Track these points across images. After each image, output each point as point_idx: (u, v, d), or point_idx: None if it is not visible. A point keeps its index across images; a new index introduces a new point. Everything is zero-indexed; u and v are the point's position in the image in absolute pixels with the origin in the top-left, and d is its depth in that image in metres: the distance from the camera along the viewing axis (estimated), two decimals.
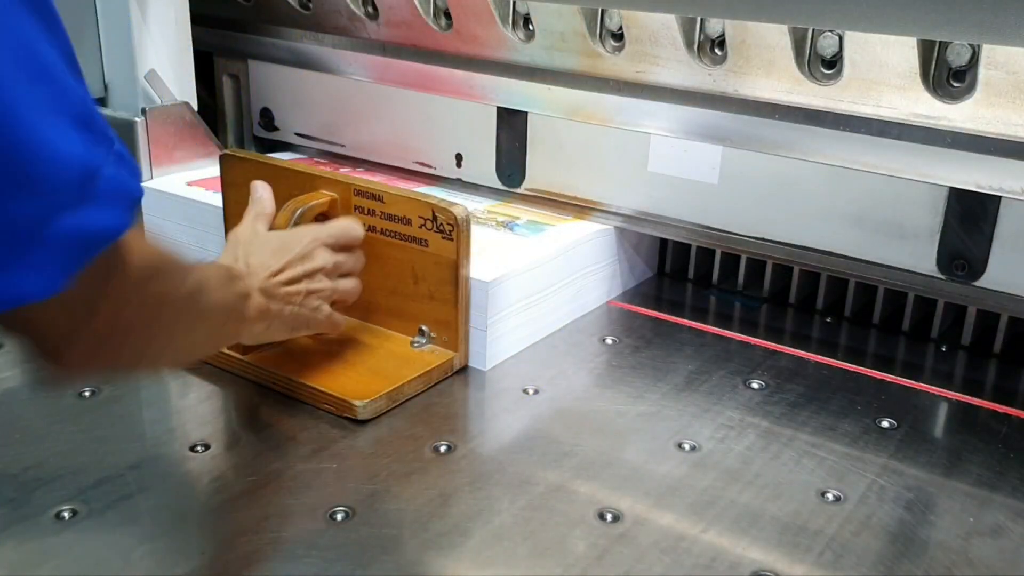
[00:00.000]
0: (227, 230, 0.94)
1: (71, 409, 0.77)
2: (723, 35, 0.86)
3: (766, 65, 0.85)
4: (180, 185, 1.07)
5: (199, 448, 0.72)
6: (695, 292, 1.05)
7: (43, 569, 0.59)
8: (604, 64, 0.95)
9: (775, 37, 0.83)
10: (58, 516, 0.63)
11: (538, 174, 1.04)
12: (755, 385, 0.84)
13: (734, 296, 1.03)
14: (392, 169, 1.16)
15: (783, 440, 0.75)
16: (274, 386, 0.80)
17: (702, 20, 0.88)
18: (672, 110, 0.92)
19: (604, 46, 0.95)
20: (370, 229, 0.85)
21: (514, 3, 0.99)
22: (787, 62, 0.83)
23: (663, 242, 1.08)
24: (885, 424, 0.78)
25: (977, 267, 0.84)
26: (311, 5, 1.15)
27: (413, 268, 0.84)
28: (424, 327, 0.85)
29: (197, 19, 1.13)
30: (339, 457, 0.71)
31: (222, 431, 0.75)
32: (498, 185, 1.07)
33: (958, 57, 0.76)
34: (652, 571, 0.60)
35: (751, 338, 0.93)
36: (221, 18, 1.25)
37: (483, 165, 1.08)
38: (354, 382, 0.79)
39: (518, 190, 1.06)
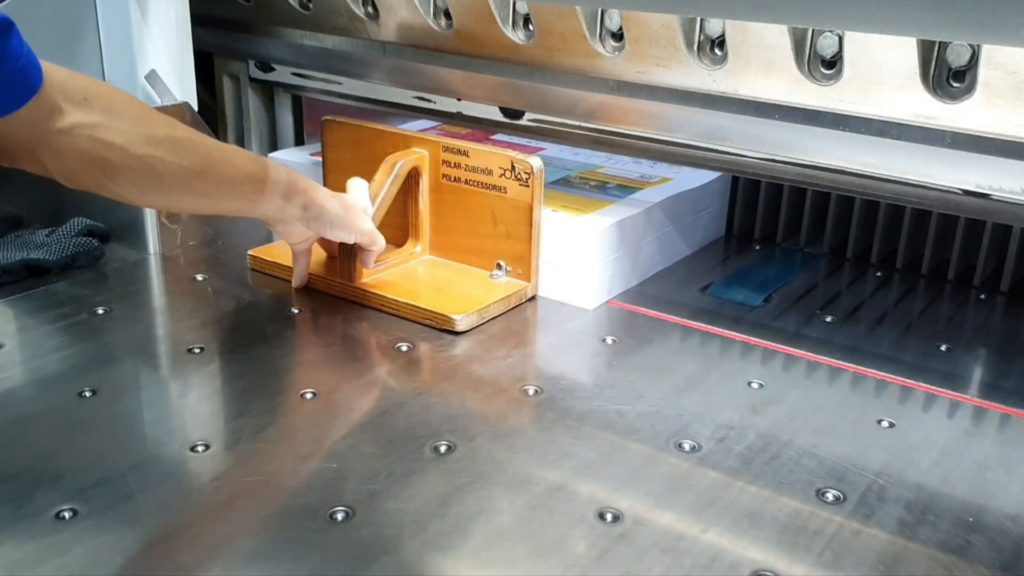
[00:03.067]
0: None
1: (71, 409, 0.77)
2: (723, 35, 0.86)
3: (766, 65, 0.85)
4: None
5: (199, 448, 0.72)
6: (695, 292, 1.05)
7: (43, 569, 0.59)
8: (604, 64, 0.95)
9: (775, 37, 0.83)
10: (58, 516, 0.63)
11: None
12: (755, 385, 0.84)
13: (734, 296, 1.03)
14: (391, 105, 1.16)
15: (783, 440, 0.75)
16: (382, 307, 0.95)
17: (702, 20, 0.88)
18: (672, 110, 0.92)
19: (604, 46, 0.95)
20: (455, 180, 1.01)
21: (514, 3, 0.99)
22: (787, 62, 0.83)
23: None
24: (884, 424, 0.78)
25: None
26: (311, 5, 1.16)
27: (493, 212, 0.99)
28: (501, 262, 1.00)
29: (197, 19, 1.13)
30: (339, 457, 0.71)
31: (222, 431, 0.75)
32: (500, 118, 1.08)
33: (958, 57, 0.76)
34: (652, 571, 0.60)
35: (751, 338, 0.93)
36: (221, 18, 1.25)
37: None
38: (450, 302, 0.94)
39: (520, 122, 1.06)
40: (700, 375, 0.85)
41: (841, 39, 0.80)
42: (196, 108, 1.12)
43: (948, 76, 0.78)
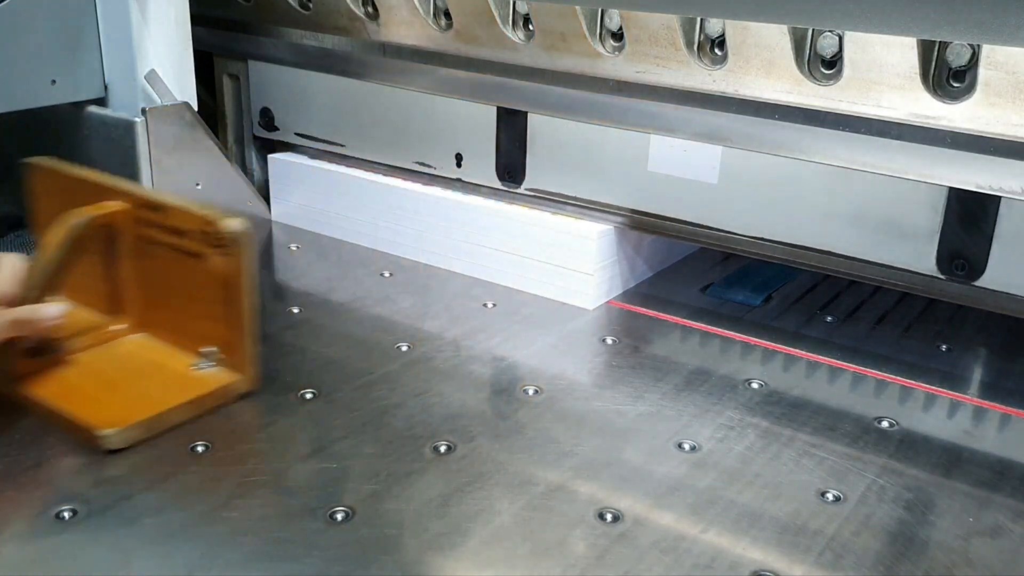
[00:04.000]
0: (34, 238, 0.90)
1: None
2: (723, 35, 0.86)
3: (766, 65, 0.85)
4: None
5: (199, 448, 0.72)
6: (695, 292, 1.05)
7: (43, 569, 0.59)
8: (604, 64, 0.95)
9: (775, 37, 0.83)
10: (58, 516, 0.63)
11: (538, 174, 1.04)
12: (755, 385, 0.84)
13: (734, 296, 1.03)
14: (392, 169, 1.16)
15: (783, 440, 0.75)
16: (34, 412, 0.75)
17: (702, 20, 0.88)
18: (672, 110, 0.92)
19: (604, 46, 0.95)
20: (155, 243, 0.81)
21: (514, 3, 0.99)
22: (787, 62, 0.83)
23: None
24: (885, 424, 0.78)
25: (977, 267, 0.83)
26: (311, 5, 1.15)
27: (192, 284, 0.79)
28: (207, 348, 0.79)
29: (197, 19, 1.13)
30: (339, 457, 0.71)
31: (222, 430, 0.75)
32: (498, 185, 1.07)
33: (958, 57, 0.76)
34: (652, 571, 0.60)
35: (751, 338, 0.93)
36: (221, 18, 1.25)
37: (483, 165, 1.08)
38: (112, 407, 0.74)
39: (518, 190, 1.06)
40: (700, 375, 0.85)
41: (841, 39, 0.80)
42: (196, 108, 1.12)
43: (948, 76, 0.78)
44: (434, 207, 1.09)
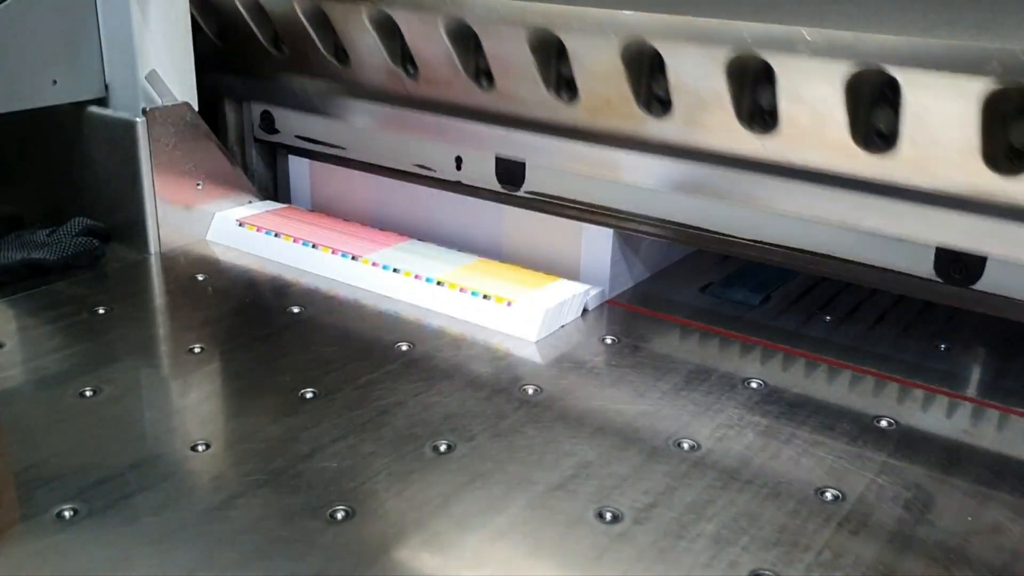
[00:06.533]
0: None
1: (71, 409, 0.77)
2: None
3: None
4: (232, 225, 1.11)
5: (199, 448, 0.72)
6: (694, 292, 1.05)
7: (43, 569, 0.59)
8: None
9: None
10: (58, 516, 0.63)
11: (537, 178, 1.03)
12: (755, 385, 0.84)
13: (733, 295, 1.03)
14: (391, 171, 1.16)
15: (782, 439, 0.75)
16: None
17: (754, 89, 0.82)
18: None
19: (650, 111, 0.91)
20: None
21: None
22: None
23: None
24: (884, 424, 0.78)
25: (974, 271, 0.83)
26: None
27: None
28: None
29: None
30: (339, 457, 0.71)
31: (222, 431, 0.75)
32: (497, 188, 1.07)
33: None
34: (652, 571, 0.60)
35: (751, 338, 0.93)
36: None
37: (483, 167, 1.08)
38: None
39: (518, 193, 1.06)
40: (700, 375, 0.85)
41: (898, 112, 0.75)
42: (196, 108, 1.12)
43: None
44: (434, 207, 1.09)
